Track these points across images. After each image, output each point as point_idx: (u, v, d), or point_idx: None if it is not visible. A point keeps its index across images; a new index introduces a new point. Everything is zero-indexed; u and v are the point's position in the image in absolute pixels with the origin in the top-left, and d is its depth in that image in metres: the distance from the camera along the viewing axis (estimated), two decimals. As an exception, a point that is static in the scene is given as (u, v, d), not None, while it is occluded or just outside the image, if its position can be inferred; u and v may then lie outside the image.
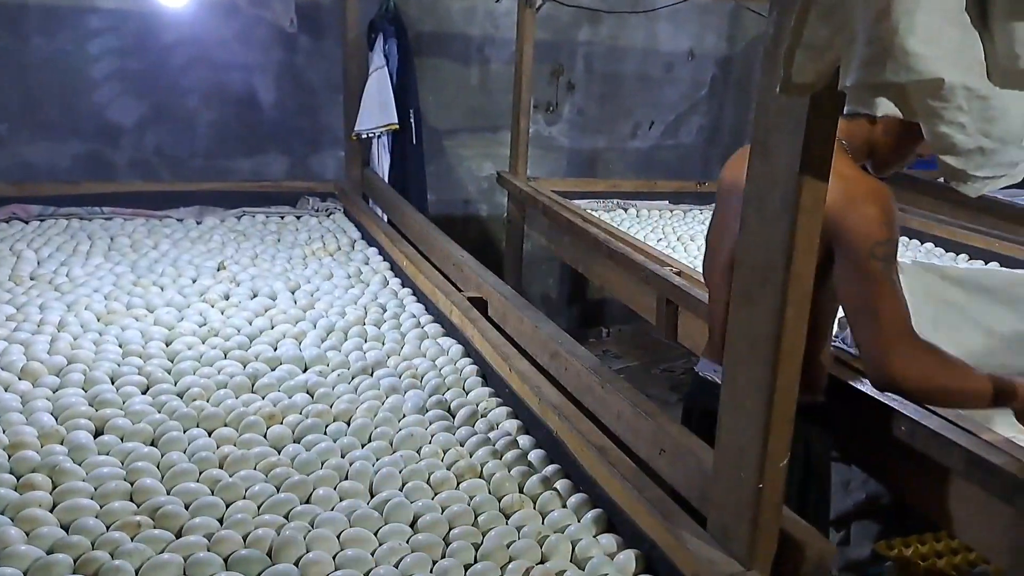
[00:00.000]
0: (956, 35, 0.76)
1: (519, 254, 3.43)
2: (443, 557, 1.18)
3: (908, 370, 1.39)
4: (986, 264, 2.79)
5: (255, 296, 2.13)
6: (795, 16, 0.81)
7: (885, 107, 0.78)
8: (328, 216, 2.99)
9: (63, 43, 3.14)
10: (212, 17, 3.27)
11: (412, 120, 3.30)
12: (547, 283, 4.29)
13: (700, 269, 2.00)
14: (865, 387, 1.59)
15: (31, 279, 2.14)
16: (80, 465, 1.32)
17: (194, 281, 2.20)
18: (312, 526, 1.21)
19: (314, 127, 3.67)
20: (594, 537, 1.22)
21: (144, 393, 1.59)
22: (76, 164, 3.28)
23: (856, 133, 1.57)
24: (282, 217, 2.94)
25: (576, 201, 3.18)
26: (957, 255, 2.94)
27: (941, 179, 2.58)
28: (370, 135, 3.16)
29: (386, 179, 3.24)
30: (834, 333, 1.75)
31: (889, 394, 1.51)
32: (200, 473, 1.33)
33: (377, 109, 3.12)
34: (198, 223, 2.76)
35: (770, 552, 1.08)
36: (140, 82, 3.31)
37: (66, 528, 1.17)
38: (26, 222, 2.61)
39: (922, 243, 3.09)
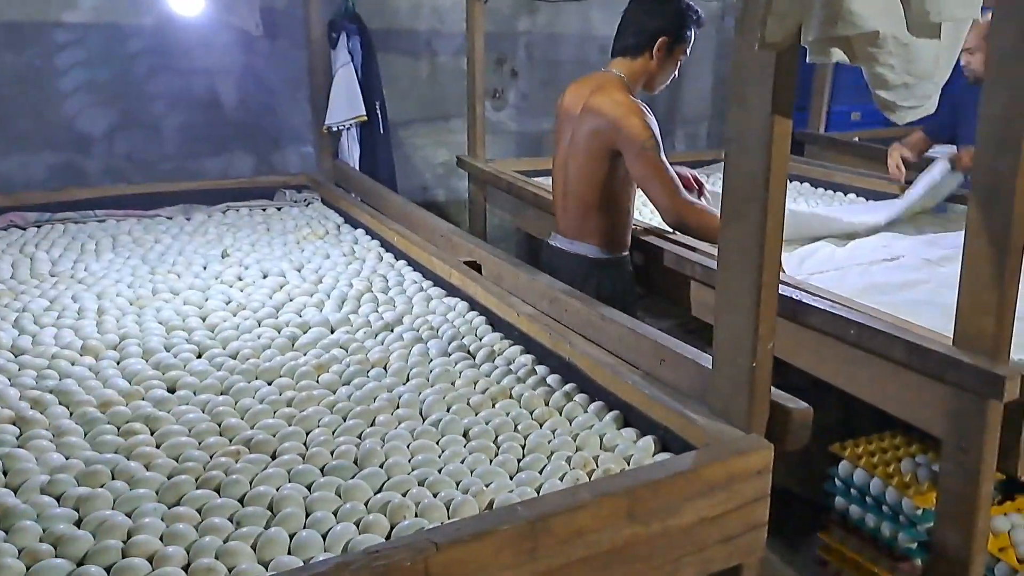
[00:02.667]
0: (884, -2, 1.04)
1: (483, 231, 3.67)
2: (496, 455, 1.42)
3: (689, 215, 2.26)
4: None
5: (266, 276, 2.33)
6: (767, -8, 1.08)
7: (838, 55, 1.06)
8: (307, 205, 3.18)
9: (31, 58, 3.25)
10: (174, 25, 3.41)
11: (378, 111, 3.51)
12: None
13: (659, 225, 2.62)
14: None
15: (52, 276, 2.29)
16: (168, 413, 1.52)
17: (205, 268, 2.39)
18: (384, 441, 1.45)
19: (276, 125, 3.84)
20: (617, 430, 1.49)
21: (199, 358, 1.78)
22: (51, 174, 3.38)
23: (636, 69, 2.44)
24: (264, 209, 3.12)
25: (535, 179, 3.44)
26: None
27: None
28: (340, 127, 3.36)
29: (357, 168, 3.44)
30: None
31: (680, 233, 2.42)
32: (274, 412, 1.54)
33: (346, 103, 3.32)
34: (187, 219, 2.92)
35: (764, 419, 1.36)
36: (107, 91, 3.42)
37: (176, 460, 1.38)
38: (24, 228, 2.73)
39: (846, 194, 3.46)
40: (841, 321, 1.83)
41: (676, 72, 2.50)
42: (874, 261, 2.46)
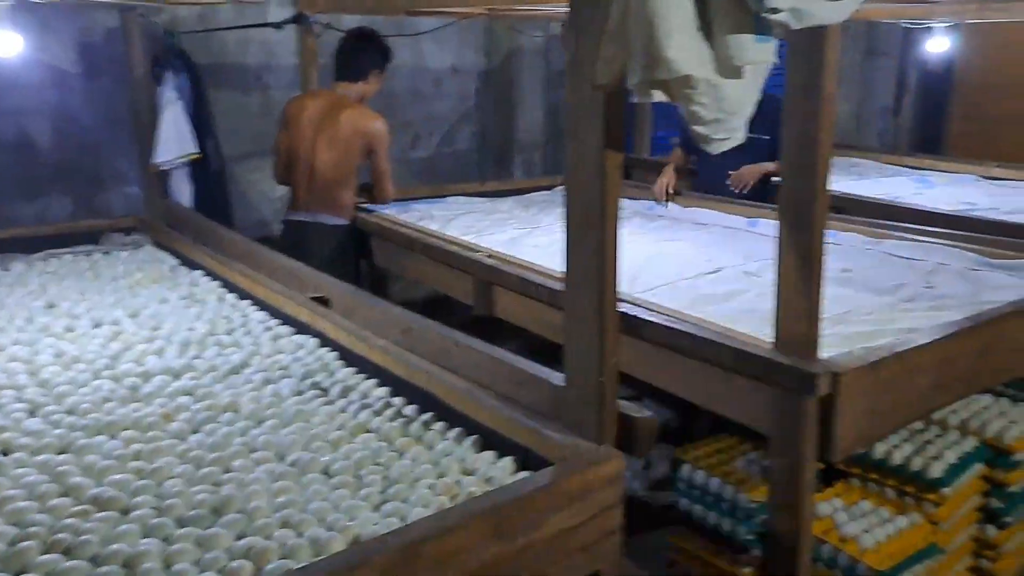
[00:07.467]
0: (696, 46, 1.17)
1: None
2: (361, 489, 1.43)
3: (389, 196, 3.39)
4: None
5: (99, 325, 2.21)
6: (596, 40, 1.18)
7: (659, 96, 1.17)
8: (137, 249, 3.03)
9: None
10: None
11: (211, 148, 3.42)
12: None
13: (506, 252, 2.71)
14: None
15: None
16: (4, 478, 1.43)
17: (29, 321, 2.23)
18: (243, 487, 1.42)
19: (97, 166, 3.65)
20: (477, 454, 1.53)
21: (33, 416, 1.68)
22: None
23: (359, 90, 3.36)
24: (88, 255, 2.95)
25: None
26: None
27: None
28: (170, 166, 3.24)
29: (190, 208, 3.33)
30: None
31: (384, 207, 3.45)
32: (123, 466, 1.48)
33: (175, 140, 3.21)
34: (5, 270, 2.72)
35: (613, 431, 1.45)
36: (-100, 133, 3.14)
37: (16, 525, 1.29)
38: None
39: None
40: (675, 333, 1.97)
41: (374, 93, 3.46)
42: (699, 274, 2.66)
